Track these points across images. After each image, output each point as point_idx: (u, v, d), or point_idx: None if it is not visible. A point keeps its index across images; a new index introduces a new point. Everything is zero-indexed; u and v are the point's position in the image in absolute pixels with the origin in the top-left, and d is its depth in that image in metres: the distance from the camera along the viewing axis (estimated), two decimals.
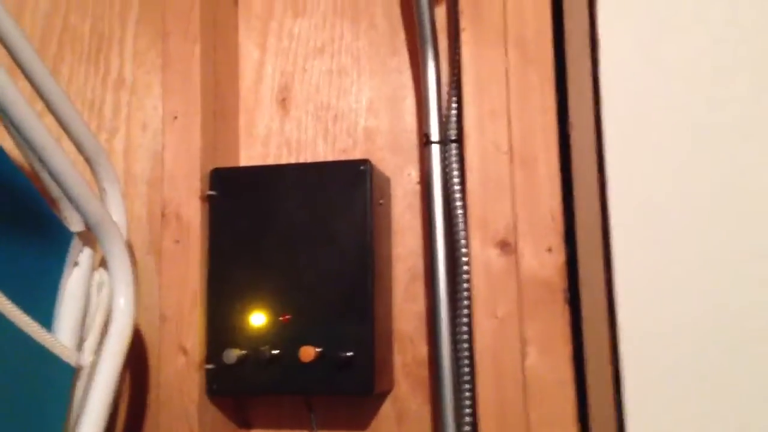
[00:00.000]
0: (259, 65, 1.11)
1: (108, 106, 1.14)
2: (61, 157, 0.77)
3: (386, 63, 1.06)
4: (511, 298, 0.81)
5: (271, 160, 1.07)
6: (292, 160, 1.07)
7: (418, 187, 1.02)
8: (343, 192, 0.91)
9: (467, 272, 0.85)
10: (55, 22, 1.18)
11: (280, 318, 0.91)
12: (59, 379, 0.81)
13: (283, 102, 1.09)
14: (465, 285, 0.86)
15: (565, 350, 0.79)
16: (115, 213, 0.93)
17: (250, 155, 1.09)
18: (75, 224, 0.91)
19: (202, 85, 0.98)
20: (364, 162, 0.91)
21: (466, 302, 0.86)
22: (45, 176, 0.91)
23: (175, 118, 0.98)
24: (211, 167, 0.97)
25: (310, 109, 1.08)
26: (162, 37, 1.01)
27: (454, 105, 0.93)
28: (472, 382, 0.84)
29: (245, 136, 1.09)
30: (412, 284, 1.00)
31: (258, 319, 0.92)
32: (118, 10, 1.16)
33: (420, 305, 0.99)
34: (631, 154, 0.76)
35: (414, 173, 1.02)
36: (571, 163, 0.80)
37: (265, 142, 1.09)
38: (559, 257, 0.80)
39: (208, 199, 0.96)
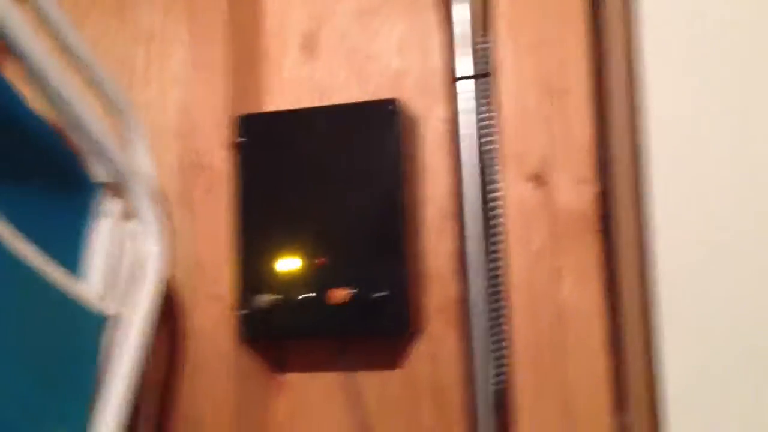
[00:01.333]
0: (285, 8, 1.11)
1: (137, 59, 1.15)
2: (87, 106, 0.79)
3: (414, 4, 1.06)
4: (545, 231, 0.83)
5: (301, 106, 1.08)
6: (322, 104, 1.08)
7: (448, 126, 1.03)
8: (372, 133, 0.93)
9: (501, 207, 0.87)
10: None
11: (315, 261, 0.93)
12: (91, 329, 0.84)
13: (311, 46, 1.10)
14: (498, 220, 0.88)
15: (599, 280, 0.81)
16: (143, 162, 0.95)
17: (279, 101, 1.10)
18: (102, 175, 0.93)
19: (229, 32, 0.99)
20: (392, 101, 0.93)
21: (499, 237, 0.88)
22: (72, 128, 0.93)
23: (202, 66, 0.99)
24: (240, 115, 0.99)
25: (339, 51, 1.09)
26: None
27: (484, 40, 0.94)
28: (506, 317, 0.87)
29: (275, 82, 1.11)
30: (443, 224, 1.01)
31: (290, 263, 0.94)
32: None
33: (452, 245, 1.01)
34: (668, 83, 0.76)
35: (444, 113, 1.03)
36: (604, 93, 0.81)
37: (295, 88, 1.10)
38: (593, 189, 0.82)
39: (237, 147, 0.98)
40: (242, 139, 0.97)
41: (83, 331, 0.82)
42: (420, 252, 1.00)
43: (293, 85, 1.10)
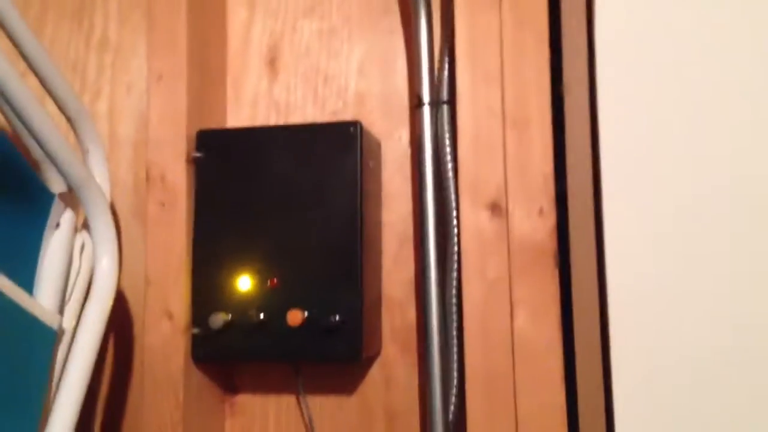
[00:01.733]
0: (247, 25, 1.11)
1: (92, 66, 1.15)
2: (42, 116, 0.77)
3: (378, 23, 1.07)
4: (501, 262, 0.83)
5: (259, 123, 1.08)
6: (281, 123, 1.07)
7: (408, 151, 1.03)
8: (332, 154, 0.92)
9: (457, 235, 0.86)
10: None
11: (268, 282, 0.92)
12: (40, 344, 0.82)
13: (272, 63, 1.09)
14: (455, 248, 0.87)
15: (554, 313, 0.80)
16: (98, 173, 0.94)
17: (237, 118, 1.09)
18: (56, 185, 0.92)
19: (188, 45, 0.98)
20: (354, 124, 0.92)
21: (455, 266, 0.87)
22: (26, 137, 0.91)
23: (160, 77, 0.98)
24: (197, 129, 0.98)
25: (299, 70, 1.08)
26: None
27: (447, 66, 0.94)
28: (461, 346, 0.86)
29: (233, 98, 1.10)
30: (401, 249, 1.01)
31: (245, 283, 0.93)
32: None
33: (409, 270, 1.01)
34: (626, 117, 0.77)
35: (405, 136, 1.03)
36: (564, 125, 0.81)
37: (253, 105, 1.09)
38: (550, 220, 0.82)
39: (193, 161, 0.97)
40: (199, 155, 0.96)
41: (34, 345, 0.81)
42: (377, 276, 0.99)
43: (252, 103, 1.09)
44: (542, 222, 0.82)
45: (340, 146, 0.92)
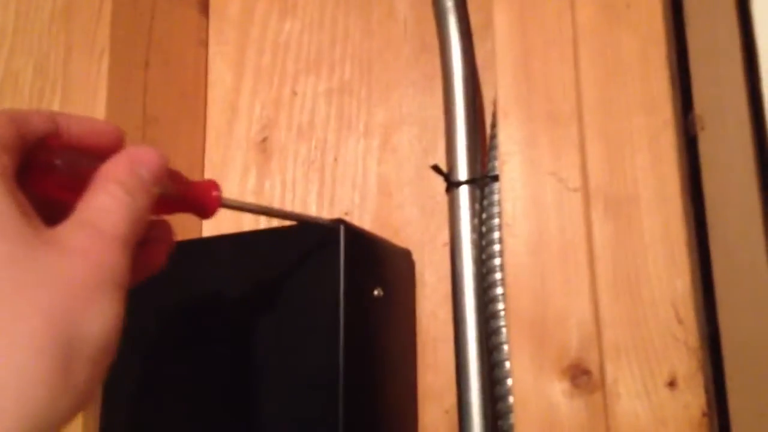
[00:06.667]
0: (234, 94, 0.81)
1: None
2: None
3: (409, 72, 0.73)
4: None
5: (246, 228, 0.76)
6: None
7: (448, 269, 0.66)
8: (302, 273, 0.57)
9: (513, 424, 0.48)
10: None
11: None
12: None
13: (263, 146, 0.78)
14: None
15: None
16: None
17: (217, 222, 0.77)
18: None
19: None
20: (335, 224, 0.56)
21: None
22: None
23: None
24: None
25: (297, 155, 0.76)
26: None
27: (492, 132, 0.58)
28: None
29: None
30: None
31: None
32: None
33: None
34: None
35: (443, 240, 0.67)
36: (703, 202, 0.43)
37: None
38: (695, 396, 0.42)
39: None
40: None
41: None
42: None
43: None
44: (678, 400, 0.42)
45: (314, 263, 0.56)
